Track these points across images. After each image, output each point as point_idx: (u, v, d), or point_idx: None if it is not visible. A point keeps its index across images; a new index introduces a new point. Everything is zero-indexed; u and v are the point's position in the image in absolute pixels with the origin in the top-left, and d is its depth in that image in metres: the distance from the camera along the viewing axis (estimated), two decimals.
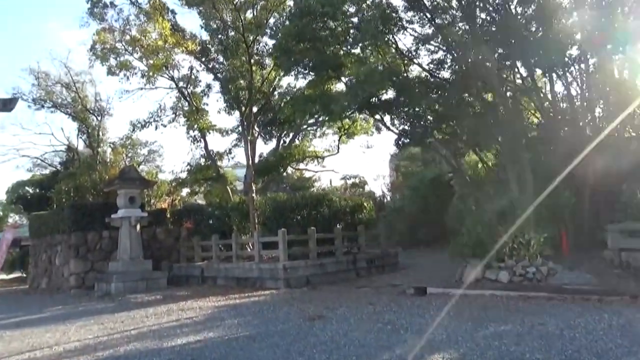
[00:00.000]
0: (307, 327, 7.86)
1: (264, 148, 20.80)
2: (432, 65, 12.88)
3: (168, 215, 19.32)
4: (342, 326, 7.74)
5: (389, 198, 35.43)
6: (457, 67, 12.14)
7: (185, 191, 26.51)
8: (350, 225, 16.70)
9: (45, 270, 19.02)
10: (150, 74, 16.07)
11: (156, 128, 18.95)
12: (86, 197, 18.52)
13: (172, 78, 18.36)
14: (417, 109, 11.93)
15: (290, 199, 15.92)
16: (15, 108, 15.40)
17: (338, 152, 21.04)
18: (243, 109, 16.72)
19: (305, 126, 21.11)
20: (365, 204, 17.33)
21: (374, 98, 11.81)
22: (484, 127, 11.28)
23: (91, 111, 23.10)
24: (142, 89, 18.93)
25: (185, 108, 18.26)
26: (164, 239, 18.63)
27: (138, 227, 16.41)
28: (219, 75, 18.71)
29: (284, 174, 22.11)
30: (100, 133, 23.18)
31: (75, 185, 18.19)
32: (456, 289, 10.36)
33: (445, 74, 12.48)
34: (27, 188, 28.53)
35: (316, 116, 13.40)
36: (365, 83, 10.98)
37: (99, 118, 23.31)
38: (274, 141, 21.01)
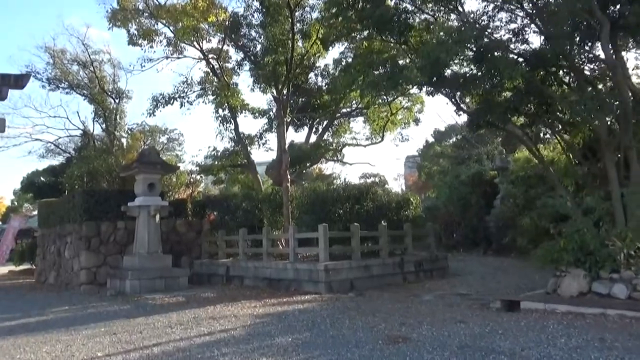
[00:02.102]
0: (394, 355, 5.61)
1: (294, 136, 18.58)
2: (514, 33, 10.53)
3: (189, 206, 17.14)
4: (445, 355, 5.49)
5: None
6: (546, 31, 9.79)
7: (208, 180, 24.41)
8: (395, 222, 14.41)
9: (53, 263, 16.93)
10: (180, 35, 13.84)
11: (181, 105, 16.68)
12: (100, 183, 16.41)
13: (200, 49, 16.15)
14: (495, 84, 9.57)
15: (331, 190, 13.67)
16: (27, 86, 13.43)
17: (382, 140, 18.76)
18: (279, 86, 14.44)
19: (347, 109, 18.79)
20: (412, 199, 15.03)
21: (446, 69, 9.53)
22: (577, 105, 8.91)
23: (109, 93, 21.02)
24: (167, 57, 16.72)
25: (214, 84, 16.02)
26: (185, 232, 16.45)
27: (157, 217, 14.24)
28: (249, 53, 16.55)
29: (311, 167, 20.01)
30: (118, 117, 21.11)
31: (89, 170, 16.07)
32: (556, 304, 8.05)
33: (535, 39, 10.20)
34: (42, 178, 26.58)
35: (378, 91, 11.05)
36: (438, 49, 8.69)
37: (117, 101, 21.22)
38: (306, 130, 18.80)
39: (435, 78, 9.70)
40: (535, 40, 15.70)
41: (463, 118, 38.73)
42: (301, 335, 6.86)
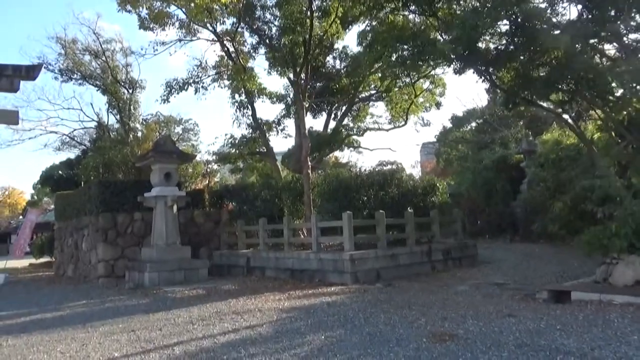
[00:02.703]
0: (443, 356, 4.93)
1: (312, 123, 17.82)
2: (549, 3, 9.63)
3: (206, 197, 16.59)
4: (502, 356, 4.79)
5: None
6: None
7: (225, 170, 23.84)
8: (421, 209, 13.66)
9: (71, 256, 16.56)
10: (192, 16, 13.07)
11: (196, 91, 15.98)
12: (116, 174, 15.91)
13: (214, 31, 15.40)
14: (533, 57, 8.72)
15: (354, 176, 12.94)
16: (39, 77, 12.89)
17: (405, 123, 17.92)
18: (297, 69, 13.67)
19: (366, 94, 17.96)
20: (438, 185, 14.24)
21: (481, 40, 8.70)
22: (625, 76, 8.05)
23: (122, 83, 20.49)
24: (180, 40, 16.00)
25: (230, 67, 15.28)
26: (203, 223, 15.91)
27: (175, 208, 13.70)
28: (264, 37, 15.79)
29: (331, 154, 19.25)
30: (132, 107, 20.60)
31: (104, 161, 15.56)
32: (613, 295, 7.27)
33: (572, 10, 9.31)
34: (59, 172, 26.30)
35: (405, 64, 10.19)
36: (475, 17, 7.88)
37: (131, 91, 20.69)
38: (324, 116, 18.05)
39: (468, 52, 8.88)
40: (571, 11, 14.67)
41: (484, 102, 37.57)
42: (334, 332, 6.22)
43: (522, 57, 8.98)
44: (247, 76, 13.97)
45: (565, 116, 10.54)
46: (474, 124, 38.17)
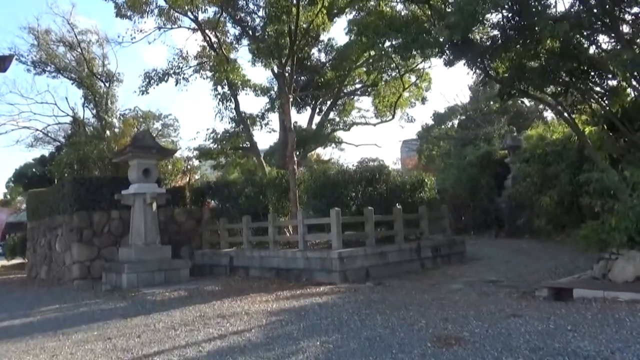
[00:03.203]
0: None
1: (296, 118, 17.26)
2: None
3: (187, 194, 15.91)
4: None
5: None
6: None
7: (206, 166, 23.10)
8: (409, 205, 13.28)
9: (44, 257, 15.69)
10: (173, 1, 12.38)
11: (177, 83, 15.21)
12: (92, 171, 15.11)
13: (195, 19, 14.66)
14: (530, 46, 8.37)
15: (342, 171, 12.47)
16: (10, 68, 12.08)
17: (393, 117, 17.50)
18: (282, 60, 13.07)
19: (352, 88, 17.51)
20: (426, 180, 13.87)
21: (479, 27, 8.32)
22: (627, 64, 7.75)
23: (98, 76, 19.59)
24: (160, 27, 15.20)
25: (212, 58, 14.57)
26: (184, 222, 15.23)
27: (154, 206, 13.02)
28: (248, 28, 15.17)
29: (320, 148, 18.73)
30: (109, 102, 19.71)
31: (79, 157, 14.74)
32: (617, 292, 6.96)
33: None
34: (34, 170, 25.23)
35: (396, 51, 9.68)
36: (474, 1, 7.47)
37: (107, 84, 19.80)
38: (308, 111, 17.54)
39: (462, 41, 8.49)
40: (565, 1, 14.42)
41: (466, 98, 37.57)
42: (330, 337, 5.73)
43: (518, 47, 8.61)
44: (231, 67, 13.34)
45: (559, 108, 10.21)
46: (456, 121, 38.19)
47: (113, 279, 12.27)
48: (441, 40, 8.26)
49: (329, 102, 17.75)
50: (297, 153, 15.78)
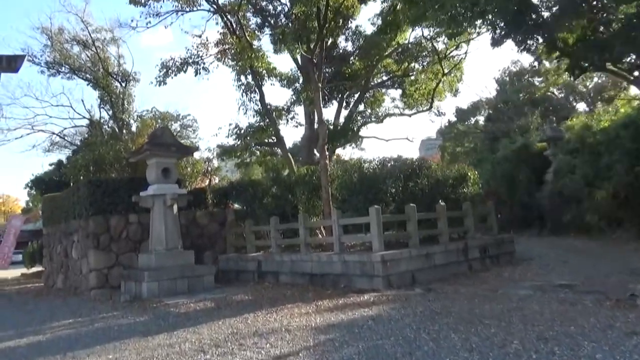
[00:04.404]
0: None
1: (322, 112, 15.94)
2: None
3: (209, 195, 14.79)
4: None
5: None
6: None
7: (228, 167, 22.00)
8: (451, 201, 11.95)
9: (61, 265, 14.70)
10: None
11: (196, 73, 14.08)
12: (108, 173, 14.07)
13: (216, 2, 13.44)
14: (603, 13, 7.01)
15: (380, 166, 11.20)
16: (24, 70, 11.11)
17: (431, 107, 16.18)
18: (311, 45, 11.81)
19: (379, 80, 16.23)
20: (470, 174, 12.53)
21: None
22: None
23: (114, 76, 18.67)
24: (177, 11, 14.02)
25: (235, 45, 13.34)
26: (206, 224, 14.10)
27: (175, 208, 11.90)
28: (268, 16, 14.01)
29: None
30: (126, 102, 18.76)
31: (94, 158, 13.72)
32: None
33: None
34: (54, 177, 24.37)
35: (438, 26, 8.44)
36: None
37: (124, 84, 18.87)
38: (334, 105, 16.27)
39: (518, 12, 7.14)
40: None
41: (492, 92, 35.97)
42: None
43: (594, 13, 7.27)
44: (254, 54, 12.16)
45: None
46: (480, 117, 36.65)
47: (132, 288, 11.16)
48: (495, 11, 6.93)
49: (356, 95, 16.48)
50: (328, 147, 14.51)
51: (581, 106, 30.17)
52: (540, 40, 9.55)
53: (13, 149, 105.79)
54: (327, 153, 11.53)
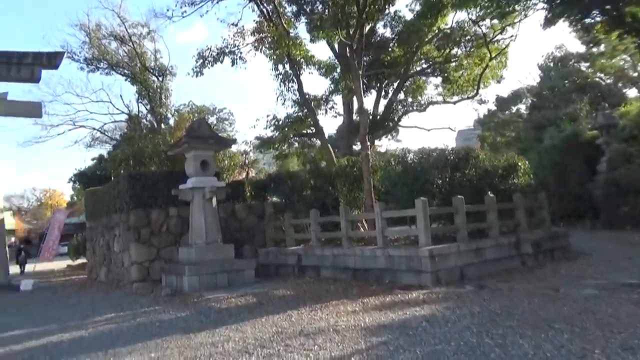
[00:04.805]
0: None
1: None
2: None
3: (247, 188, 14.56)
4: None
5: None
6: None
7: (264, 160, 21.85)
8: (502, 193, 11.25)
9: (103, 258, 14.82)
10: None
11: (233, 63, 13.77)
12: (148, 166, 14.03)
13: None
14: None
15: (425, 156, 10.62)
16: (64, 68, 11.11)
17: (477, 93, 15.45)
18: (350, 31, 11.28)
19: (419, 68, 15.57)
20: (520, 164, 11.77)
21: None
22: None
23: (151, 70, 18.74)
24: None
25: (272, 33, 12.95)
26: (245, 218, 13.89)
27: (214, 201, 11.70)
28: (304, 3, 13.56)
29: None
30: (163, 96, 18.80)
31: (134, 152, 13.69)
32: None
33: None
34: (96, 171, 24.85)
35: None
36: None
37: (160, 79, 18.91)
38: (373, 94, 15.71)
39: None
40: None
41: (535, 79, 34.40)
42: None
43: None
44: (292, 42, 11.75)
45: None
46: (522, 106, 35.22)
47: (173, 281, 11.05)
48: None
49: (395, 84, 15.85)
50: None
51: (632, 92, 28.39)
52: (599, 18, 8.71)
53: (57, 144, 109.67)
54: (368, 143, 11.01)
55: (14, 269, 16.07)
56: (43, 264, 22.39)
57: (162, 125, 17.42)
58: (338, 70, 14.39)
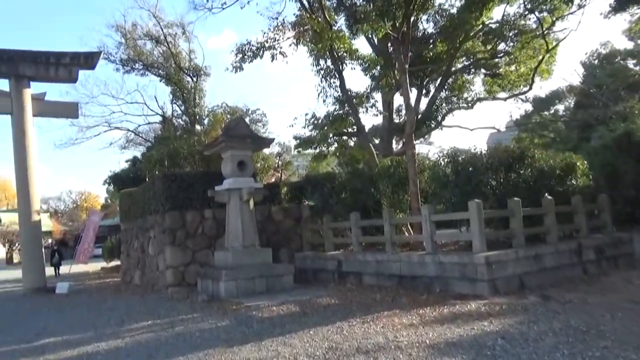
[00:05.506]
0: None
1: (400, 100, 14.78)
2: None
3: (283, 190, 14.02)
4: None
5: None
6: None
7: (298, 162, 21.36)
8: (559, 195, 10.34)
9: (137, 261, 14.53)
10: None
11: (273, 58, 13.23)
12: (183, 167, 13.67)
13: None
14: None
15: (478, 155, 9.82)
16: (101, 69, 10.89)
17: (531, 87, 14.55)
18: (397, 23, 10.57)
19: (462, 64, 14.75)
20: (578, 164, 10.83)
21: None
22: None
23: (185, 71, 18.52)
24: None
25: (312, 26, 12.34)
26: (281, 221, 13.37)
27: (251, 203, 11.19)
28: None
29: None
30: (197, 97, 18.53)
31: (169, 152, 13.34)
32: None
33: None
34: (130, 174, 24.86)
35: None
36: None
37: (195, 79, 18.66)
38: (414, 92, 14.93)
39: None
40: None
41: (578, 77, 32.85)
42: None
43: None
44: (335, 35, 11.14)
45: None
46: (560, 106, 33.72)
47: (209, 287, 10.57)
48: None
49: (437, 81, 15.07)
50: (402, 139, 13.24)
51: None
52: None
53: (92, 146, 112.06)
54: (414, 142, 10.30)
55: (48, 270, 15.95)
56: (78, 265, 22.43)
57: (197, 126, 17.13)
58: (378, 67, 13.71)
